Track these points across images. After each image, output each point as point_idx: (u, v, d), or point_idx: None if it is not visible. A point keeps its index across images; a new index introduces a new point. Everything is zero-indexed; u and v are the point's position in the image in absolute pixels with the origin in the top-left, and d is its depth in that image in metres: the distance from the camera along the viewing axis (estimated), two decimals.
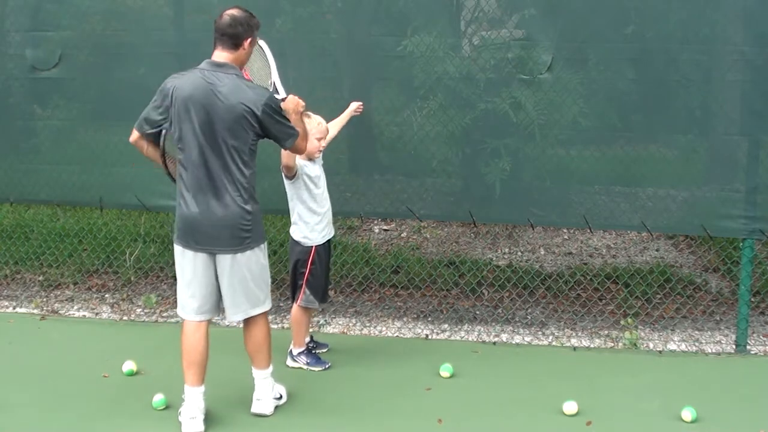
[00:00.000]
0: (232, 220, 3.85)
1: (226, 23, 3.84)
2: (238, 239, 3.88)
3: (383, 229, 7.42)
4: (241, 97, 3.77)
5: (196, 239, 3.90)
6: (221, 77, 3.80)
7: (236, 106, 3.76)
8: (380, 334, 5.54)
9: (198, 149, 3.81)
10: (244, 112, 3.77)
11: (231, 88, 3.78)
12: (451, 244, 7.00)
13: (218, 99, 3.77)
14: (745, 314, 5.14)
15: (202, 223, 3.86)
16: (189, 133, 3.82)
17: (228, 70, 3.84)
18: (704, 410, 4.16)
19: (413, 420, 4.16)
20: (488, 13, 5.35)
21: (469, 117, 5.26)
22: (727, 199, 5.10)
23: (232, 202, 3.84)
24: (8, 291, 6.39)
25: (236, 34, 3.85)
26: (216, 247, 3.89)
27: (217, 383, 4.34)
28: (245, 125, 3.80)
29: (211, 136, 3.79)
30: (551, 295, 5.97)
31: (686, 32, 5.13)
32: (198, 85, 3.80)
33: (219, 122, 3.77)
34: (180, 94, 3.81)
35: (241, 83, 3.82)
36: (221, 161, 3.81)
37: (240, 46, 3.88)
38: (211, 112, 3.77)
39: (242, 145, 3.82)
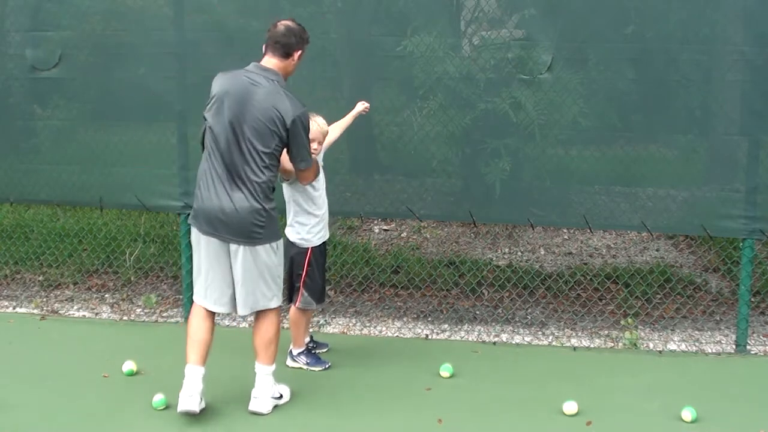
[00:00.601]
0: (244, 215, 3.92)
1: (281, 32, 4.02)
2: (249, 233, 3.95)
3: (383, 229, 7.42)
4: (277, 102, 3.88)
5: (209, 224, 3.98)
6: (263, 80, 3.93)
7: (269, 110, 3.87)
8: (380, 334, 5.54)
9: (225, 142, 3.91)
10: (275, 117, 3.87)
11: (269, 91, 3.90)
12: (451, 244, 7.00)
13: (254, 98, 3.89)
14: (745, 314, 5.14)
15: (216, 211, 3.94)
16: (219, 125, 3.93)
17: (272, 75, 3.97)
18: (704, 410, 4.16)
19: (413, 420, 4.16)
20: (488, 13, 5.35)
21: (469, 117, 5.26)
22: (727, 199, 5.10)
23: (245, 199, 3.91)
24: (8, 291, 6.39)
25: (289, 43, 4.02)
26: (227, 235, 3.96)
27: (218, 383, 4.34)
28: (273, 130, 3.88)
29: (239, 133, 3.89)
30: (551, 295, 5.97)
31: (686, 32, 5.13)
32: (239, 81, 3.93)
33: (249, 121, 3.88)
34: (221, 87, 3.97)
35: (280, 90, 3.92)
36: (242, 158, 3.90)
37: (290, 56, 4.04)
38: (244, 110, 3.89)
39: (265, 148, 3.90)
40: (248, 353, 4.24)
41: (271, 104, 3.87)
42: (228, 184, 3.93)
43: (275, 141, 3.92)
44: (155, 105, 5.58)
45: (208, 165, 3.98)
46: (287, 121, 3.88)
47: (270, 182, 3.98)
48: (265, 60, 4.03)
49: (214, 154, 3.96)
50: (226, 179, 3.93)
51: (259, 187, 3.92)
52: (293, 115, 3.90)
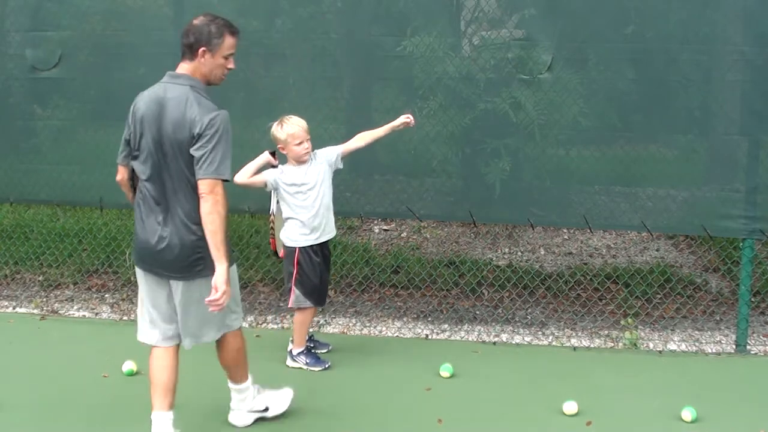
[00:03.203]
0: (180, 248, 3.50)
1: (183, 32, 3.56)
2: (189, 268, 3.53)
3: (383, 229, 7.42)
4: (186, 110, 3.41)
5: (147, 261, 3.61)
6: (172, 88, 3.49)
7: (180, 123, 3.41)
8: (380, 334, 5.54)
9: (152, 168, 3.51)
10: (188, 129, 3.41)
11: (178, 100, 3.44)
12: (451, 244, 7.00)
13: (166, 114, 3.45)
14: (745, 314, 5.14)
15: (150, 247, 3.54)
16: (145, 150, 3.52)
17: (182, 80, 3.51)
18: (704, 410, 4.16)
19: (413, 420, 4.16)
20: (488, 13, 5.35)
21: (469, 117, 5.26)
22: (727, 199, 5.10)
23: (182, 226, 3.49)
24: (8, 291, 6.39)
25: (189, 44, 3.54)
26: (166, 272, 3.57)
27: (218, 383, 4.34)
28: (189, 137, 3.42)
29: (163, 154, 3.47)
30: (551, 295, 5.97)
31: (686, 32, 5.13)
32: (153, 97, 3.51)
33: (167, 140, 3.44)
34: (138, 108, 3.55)
35: (189, 95, 3.44)
36: (171, 184, 3.49)
37: (195, 56, 3.54)
38: (161, 129, 3.46)
39: (191, 159, 3.44)
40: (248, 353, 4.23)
41: (181, 115, 3.40)
42: (159, 215, 3.52)
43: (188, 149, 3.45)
44: None
45: (139, 196, 3.61)
46: (194, 130, 3.38)
47: None
48: (179, 66, 3.59)
49: (143, 184, 3.57)
50: (156, 210, 3.53)
51: (194, 214, 3.46)
52: (201, 120, 3.38)
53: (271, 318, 5.82)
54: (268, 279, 6.30)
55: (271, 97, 5.53)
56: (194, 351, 3.82)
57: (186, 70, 3.54)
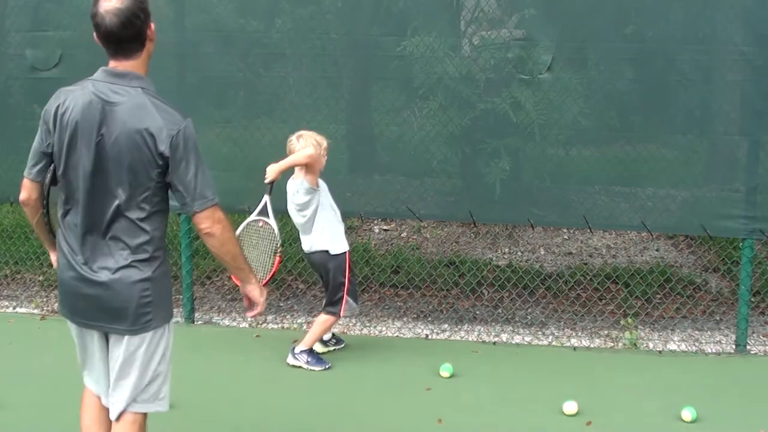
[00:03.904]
0: (123, 290, 2.78)
1: (115, 24, 2.68)
2: (134, 317, 2.80)
3: (383, 229, 7.42)
4: (145, 119, 2.70)
5: (78, 310, 2.89)
6: (120, 90, 2.74)
7: (135, 133, 2.69)
8: (380, 334, 5.54)
9: (84, 191, 2.79)
10: (146, 140, 2.69)
11: (132, 106, 2.72)
12: (451, 244, 7.00)
13: (113, 121, 2.71)
14: (745, 314, 5.14)
15: (82, 290, 2.83)
16: (73, 169, 2.80)
17: (131, 81, 2.76)
18: (704, 410, 4.16)
19: (413, 420, 4.16)
20: (488, 13, 5.34)
21: (469, 117, 5.26)
22: (727, 199, 5.10)
23: (125, 264, 2.77)
24: (8, 291, 6.39)
25: (134, 34, 2.74)
26: (103, 324, 2.85)
27: (218, 383, 4.35)
28: (146, 160, 2.71)
29: (102, 174, 2.74)
30: (551, 295, 5.97)
31: (686, 32, 5.13)
32: (90, 101, 2.75)
33: (112, 154, 2.71)
34: (64, 115, 2.79)
35: (146, 100, 2.73)
36: (114, 208, 2.76)
37: (144, 47, 2.80)
38: (104, 141, 2.72)
39: (142, 191, 2.75)
40: (248, 353, 4.25)
41: (136, 126, 2.69)
42: (99, 248, 2.80)
43: (154, 174, 2.73)
44: None
45: (64, 228, 2.91)
46: (159, 147, 2.69)
47: (156, 236, 2.82)
48: (113, 63, 2.80)
49: (72, 212, 2.86)
50: (92, 244, 2.81)
51: (142, 245, 2.78)
52: (168, 133, 2.70)
53: (271, 318, 5.82)
54: None
55: (271, 97, 5.53)
56: (191, 351, 3.81)
57: (129, 67, 2.78)
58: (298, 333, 5.47)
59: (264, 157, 5.42)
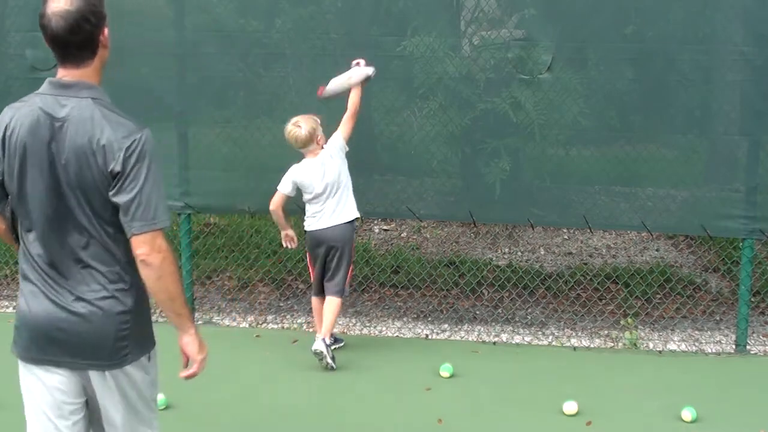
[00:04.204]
0: (103, 323, 2.48)
1: (62, 28, 2.34)
2: (114, 350, 2.51)
3: (383, 229, 7.42)
4: (94, 133, 2.36)
5: (41, 348, 2.58)
6: (68, 103, 2.40)
7: (85, 150, 2.35)
8: (380, 334, 5.54)
9: (44, 219, 2.46)
10: (96, 157, 2.35)
11: (80, 120, 2.37)
12: (451, 244, 6.99)
13: (62, 139, 2.38)
14: (745, 314, 5.14)
15: (50, 327, 2.52)
16: (30, 196, 2.46)
17: (80, 91, 2.41)
18: (704, 410, 4.16)
19: (413, 420, 4.15)
20: (488, 13, 5.35)
21: (469, 117, 5.26)
22: (727, 199, 5.10)
23: (97, 294, 2.47)
24: (8, 291, 6.39)
25: (85, 38, 2.38)
26: (77, 360, 2.53)
27: (218, 383, 4.34)
28: (99, 179, 2.38)
29: (60, 198, 2.42)
30: (551, 295, 5.97)
31: (686, 32, 5.13)
32: (37, 117, 2.41)
33: (66, 176, 2.39)
34: (11, 137, 2.44)
35: (96, 112, 2.38)
36: (77, 232, 2.45)
37: (95, 54, 2.43)
38: (55, 161, 2.39)
39: (105, 208, 2.42)
40: (248, 353, 4.25)
41: (86, 141, 2.35)
42: (66, 278, 2.49)
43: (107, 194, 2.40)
44: (155, 105, 5.57)
45: (27, 260, 2.64)
46: (109, 163, 2.34)
47: (128, 261, 2.47)
48: (63, 72, 2.44)
49: (37, 242, 2.54)
50: (57, 276, 2.52)
51: (114, 270, 2.48)
52: (118, 146, 2.35)
53: (271, 318, 5.82)
54: (268, 279, 6.30)
55: (271, 97, 5.54)
56: None
57: (78, 75, 2.42)
58: (298, 333, 5.47)
59: (264, 157, 5.43)
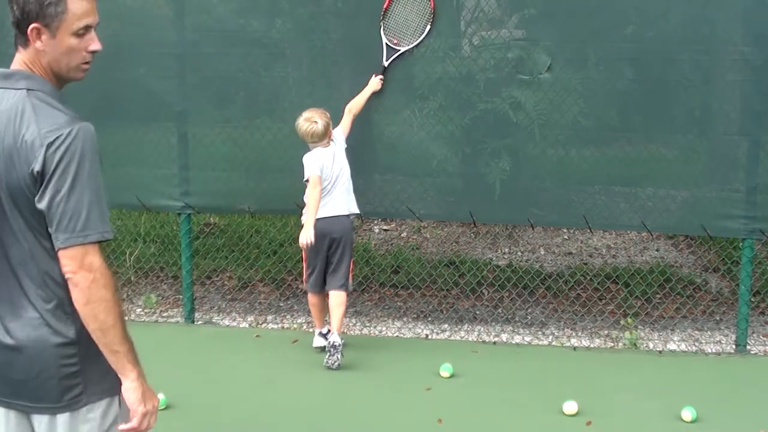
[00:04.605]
0: (38, 356, 2.07)
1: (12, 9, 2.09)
2: (59, 391, 2.08)
3: (383, 229, 7.42)
4: (21, 129, 2.01)
5: None
6: (4, 96, 2.08)
7: (12, 150, 2.01)
8: (380, 334, 5.54)
9: None
10: (20, 156, 2.00)
11: (10, 115, 2.03)
12: (451, 244, 7.00)
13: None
14: (745, 314, 5.14)
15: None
16: None
17: (17, 81, 2.09)
18: (704, 410, 4.16)
19: (413, 420, 4.15)
20: (488, 13, 5.34)
21: (469, 117, 5.26)
22: (727, 199, 5.10)
23: (39, 323, 2.07)
24: None
25: (16, 21, 2.09)
26: (22, 401, 2.12)
27: (218, 382, 4.35)
28: (24, 183, 2.01)
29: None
30: (551, 295, 5.97)
31: (686, 32, 5.13)
32: None
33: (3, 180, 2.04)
34: None
35: (27, 104, 2.04)
36: (11, 246, 2.07)
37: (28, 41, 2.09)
38: None
39: (36, 212, 2.03)
40: (247, 353, 4.25)
41: (13, 140, 2.01)
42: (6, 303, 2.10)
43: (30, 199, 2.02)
44: (155, 105, 5.57)
45: None
46: (33, 164, 1.97)
47: None
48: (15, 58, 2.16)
49: None
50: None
51: (47, 298, 2.07)
52: (42, 143, 1.97)
53: (271, 318, 5.82)
54: (268, 279, 6.30)
55: (271, 97, 5.53)
56: (190, 351, 3.82)
57: (20, 63, 2.13)
58: (298, 333, 5.47)
59: (264, 157, 5.43)
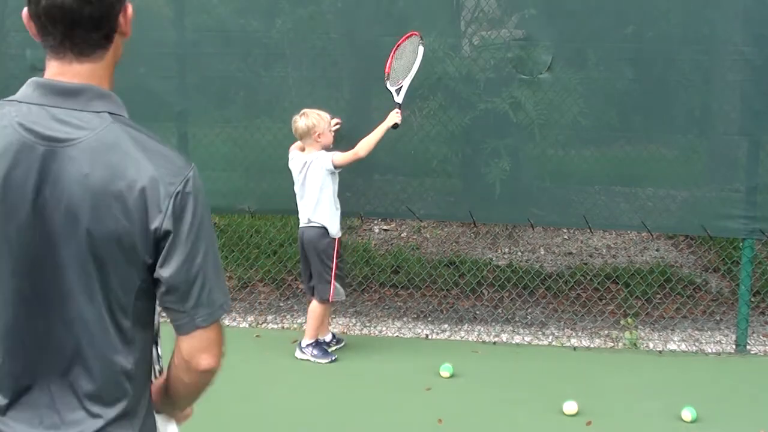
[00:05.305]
0: None
1: None
2: None
3: (383, 229, 7.42)
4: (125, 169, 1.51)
5: None
6: (72, 119, 1.54)
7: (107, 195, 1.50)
8: (380, 334, 5.54)
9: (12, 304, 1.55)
10: (128, 205, 1.50)
11: (97, 147, 1.51)
12: (451, 244, 6.99)
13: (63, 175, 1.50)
14: (745, 314, 5.14)
15: None
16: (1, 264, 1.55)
17: (91, 101, 1.56)
18: (704, 410, 4.16)
19: (413, 420, 4.15)
20: (488, 13, 5.35)
21: (469, 117, 5.26)
22: (727, 199, 5.10)
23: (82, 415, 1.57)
24: None
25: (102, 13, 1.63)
26: None
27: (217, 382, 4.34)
28: (129, 240, 1.51)
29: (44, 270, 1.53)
30: (551, 295, 5.97)
31: (686, 32, 5.14)
32: (13, 143, 1.53)
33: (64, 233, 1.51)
34: None
35: (122, 135, 1.54)
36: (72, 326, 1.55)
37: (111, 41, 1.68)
38: (46, 210, 1.51)
39: (125, 287, 1.55)
40: (248, 353, 4.25)
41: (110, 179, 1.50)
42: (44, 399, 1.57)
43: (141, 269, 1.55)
44: (155, 105, 5.57)
45: None
46: (153, 213, 1.51)
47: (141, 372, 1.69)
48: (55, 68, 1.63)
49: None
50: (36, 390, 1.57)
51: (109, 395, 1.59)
52: (168, 189, 1.52)
53: (271, 318, 5.82)
54: (268, 279, 6.30)
55: (271, 97, 5.54)
56: None
57: (85, 75, 1.60)
58: (298, 333, 5.47)
59: (264, 157, 5.43)
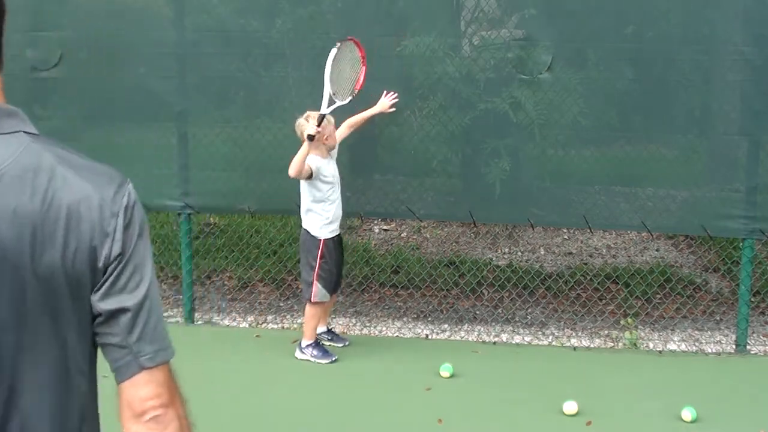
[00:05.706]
0: None
1: None
2: None
3: (383, 229, 7.42)
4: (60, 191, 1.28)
5: None
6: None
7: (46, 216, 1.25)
8: (380, 334, 5.54)
9: None
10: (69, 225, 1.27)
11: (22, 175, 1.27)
12: (451, 244, 6.99)
13: None
14: (745, 314, 5.14)
15: None
16: None
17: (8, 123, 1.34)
18: (704, 410, 4.16)
19: (413, 420, 4.15)
20: (488, 13, 5.35)
21: (469, 117, 5.26)
22: (727, 199, 5.10)
23: None
24: None
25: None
26: None
27: (218, 382, 4.35)
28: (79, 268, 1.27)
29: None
30: (551, 295, 5.97)
31: (686, 32, 5.14)
32: None
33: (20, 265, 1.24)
34: None
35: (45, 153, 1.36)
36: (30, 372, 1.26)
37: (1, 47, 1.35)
38: None
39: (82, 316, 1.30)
40: (247, 353, 4.25)
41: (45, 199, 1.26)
42: None
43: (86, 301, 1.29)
44: (155, 105, 5.57)
45: None
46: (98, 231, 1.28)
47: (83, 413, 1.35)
48: None
49: None
50: None
51: None
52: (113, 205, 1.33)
53: (271, 318, 5.82)
54: (268, 279, 6.30)
55: (271, 97, 5.54)
56: (190, 351, 3.82)
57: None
58: (297, 333, 5.47)
59: (264, 157, 5.43)
